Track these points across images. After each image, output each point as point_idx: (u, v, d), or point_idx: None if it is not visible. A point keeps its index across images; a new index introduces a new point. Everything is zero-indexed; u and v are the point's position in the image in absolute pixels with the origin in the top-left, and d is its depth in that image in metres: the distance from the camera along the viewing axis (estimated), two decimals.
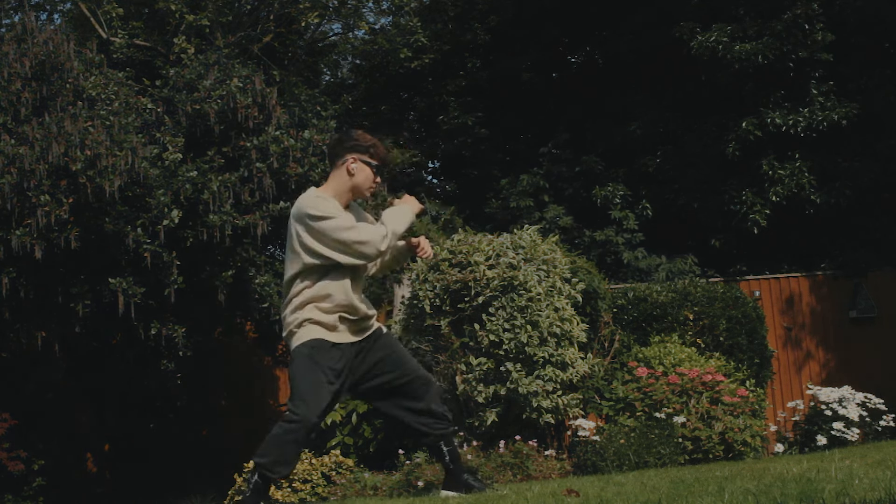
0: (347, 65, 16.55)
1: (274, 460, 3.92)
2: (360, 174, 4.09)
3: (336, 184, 4.11)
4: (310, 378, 3.91)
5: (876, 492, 2.81)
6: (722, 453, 7.12)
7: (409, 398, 4.14)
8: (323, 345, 3.97)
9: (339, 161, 4.11)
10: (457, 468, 4.20)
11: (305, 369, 3.93)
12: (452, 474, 4.19)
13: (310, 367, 3.92)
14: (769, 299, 10.48)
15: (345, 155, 4.10)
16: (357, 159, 4.09)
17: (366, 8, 14.98)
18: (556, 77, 14.74)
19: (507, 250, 7.36)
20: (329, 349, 3.98)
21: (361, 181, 4.10)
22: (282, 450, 3.90)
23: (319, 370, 3.92)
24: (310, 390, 3.88)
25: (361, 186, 4.11)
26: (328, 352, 3.97)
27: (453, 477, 4.19)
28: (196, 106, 8.37)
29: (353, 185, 4.09)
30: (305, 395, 3.87)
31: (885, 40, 11.81)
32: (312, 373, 3.91)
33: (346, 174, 4.09)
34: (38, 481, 8.70)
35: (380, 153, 4.15)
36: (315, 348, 3.95)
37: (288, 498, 7.31)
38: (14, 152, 7.47)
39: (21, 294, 7.74)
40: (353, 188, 4.10)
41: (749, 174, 11.36)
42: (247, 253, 8.41)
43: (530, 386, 6.94)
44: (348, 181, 4.09)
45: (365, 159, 4.10)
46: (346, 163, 4.09)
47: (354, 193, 4.13)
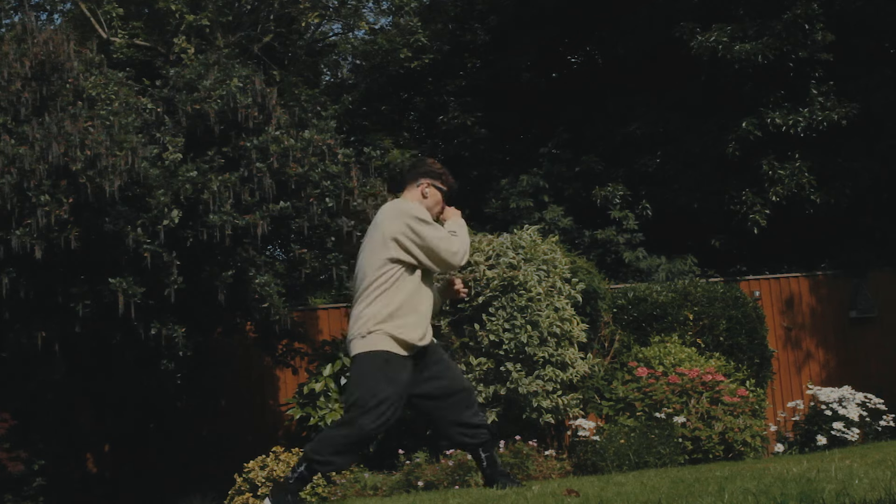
0: (347, 65, 16.56)
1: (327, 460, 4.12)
2: (431, 198, 4.45)
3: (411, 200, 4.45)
4: (381, 388, 4.09)
5: (876, 492, 2.81)
6: (722, 453, 7.13)
7: (453, 408, 4.30)
8: (395, 357, 4.15)
9: (413, 183, 4.47)
10: (493, 472, 4.36)
11: (377, 378, 4.11)
12: (488, 478, 4.37)
13: (382, 377, 4.11)
14: (769, 299, 10.48)
15: (419, 178, 4.46)
16: (430, 184, 4.44)
17: (366, 8, 15.01)
18: (556, 77, 14.73)
19: (507, 250, 7.36)
20: (401, 361, 4.16)
21: (432, 205, 4.45)
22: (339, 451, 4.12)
23: (391, 382, 4.10)
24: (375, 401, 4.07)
25: (431, 210, 4.43)
26: (400, 364, 4.15)
27: (489, 480, 4.36)
28: (196, 106, 8.36)
29: (424, 206, 4.40)
30: (370, 406, 4.07)
31: (885, 40, 11.81)
32: (383, 383, 4.10)
33: (419, 195, 4.43)
34: (38, 481, 8.69)
35: (449, 181, 4.52)
36: (389, 361, 4.13)
37: None
38: (14, 152, 7.47)
39: (21, 294, 7.74)
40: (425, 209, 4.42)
41: (749, 174, 11.35)
42: (247, 253, 8.40)
43: (530, 386, 6.94)
44: (421, 203, 4.42)
45: (437, 185, 4.46)
46: (420, 186, 4.44)
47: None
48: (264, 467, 7.79)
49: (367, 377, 4.09)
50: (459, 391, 4.30)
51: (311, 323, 10.36)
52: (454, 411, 4.28)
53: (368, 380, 4.08)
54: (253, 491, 7.69)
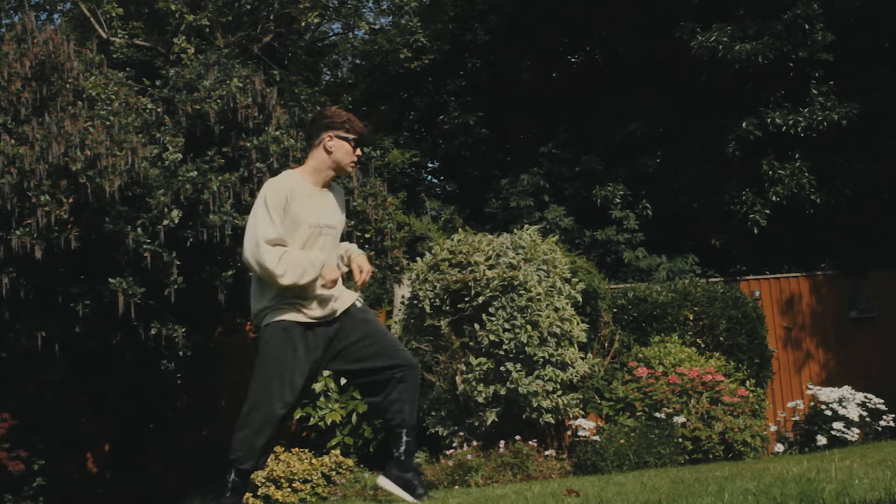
0: (347, 65, 16.56)
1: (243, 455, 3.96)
2: (338, 150, 4.10)
3: (315, 163, 4.13)
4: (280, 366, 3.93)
5: (876, 492, 2.81)
6: (722, 453, 7.13)
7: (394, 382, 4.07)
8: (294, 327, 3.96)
9: (315, 140, 4.13)
10: (407, 461, 4.10)
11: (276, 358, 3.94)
12: (400, 467, 4.09)
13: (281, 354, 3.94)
14: (769, 299, 10.48)
15: (320, 133, 4.12)
16: (333, 136, 4.11)
17: (366, 8, 15.01)
18: (556, 77, 14.74)
19: (507, 250, 7.36)
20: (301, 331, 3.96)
21: (341, 157, 4.11)
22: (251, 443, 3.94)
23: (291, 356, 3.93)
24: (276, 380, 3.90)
25: (342, 162, 4.12)
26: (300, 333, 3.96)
27: (400, 469, 4.09)
28: (196, 106, 8.36)
29: (332, 162, 4.11)
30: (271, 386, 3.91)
31: (885, 40, 11.81)
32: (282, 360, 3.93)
33: (323, 152, 4.11)
34: (38, 481, 8.70)
35: (356, 126, 4.16)
36: (287, 331, 3.95)
37: (288, 498, 7.32)
38: (14, 152, 7.47)
39: (21, 294, 7.74)
40: (334, 165, 4.12)
41: (749, 174, 11.36)
42: None
43: (530, 386, 6.94)
44: (327, 159, 4.10)
45: (341, 135, 4.12)
46: (322, 141, 4.11)
47: (336, 171, 4.14)
48: (264, 467, 7.79)
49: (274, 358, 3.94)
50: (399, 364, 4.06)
51: None
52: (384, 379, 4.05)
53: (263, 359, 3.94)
54: (253, 491, 7.69)
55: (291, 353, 3.95)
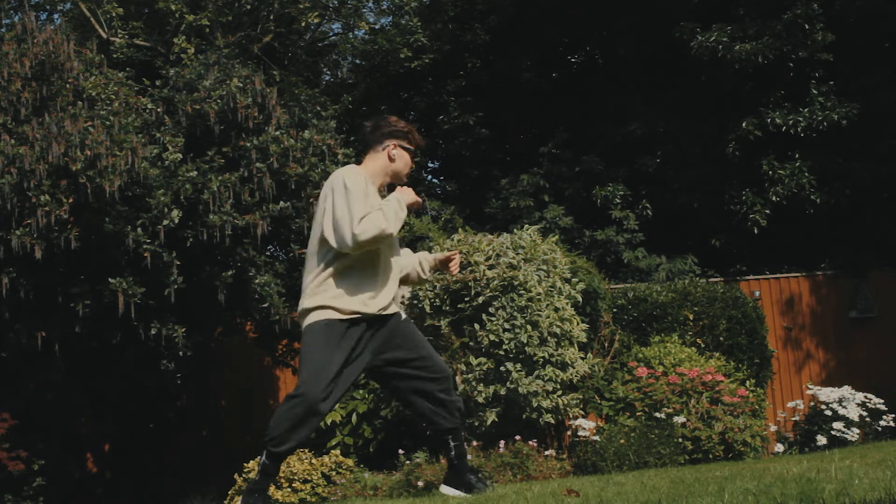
0: (347, 65, 16.55)
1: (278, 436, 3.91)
2: (400, 160, 4.19)
3: (375, 167, 4.19)
4: (319, 357, 3.91)
5: (876, 492, 2.81)
6: (722, 453, 7.12)
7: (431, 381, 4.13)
8: (334, 324, 3.95)
9: (379, 146, 4.19)
10: (461, 465, 4.16)
11: (316, 347, 3.93)
12: (456, 471, 4.16)
13: (321, 345, 3.93)
14: (769, 299, 10.48)
15: (384, 140, 4.18)
16: (397, 145, 4.19)
17: (366, 8, 15.00)
18: (556, 77, 14.74)
19: (507, 250, 7.36)
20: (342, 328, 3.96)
21: (401, 167, 4.20)
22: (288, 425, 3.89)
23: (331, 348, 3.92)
24: (314, 369, 3.88)
25: (401, 172, 4.21)
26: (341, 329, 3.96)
27: (456, 474, 4.16)
28: (196, 106, 8.37)
29: (393, 170, 4.19)
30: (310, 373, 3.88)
31: (885, 40, 11.81)
32: (322, 351, 3.91)
33: (386, 159, 4.18)
34: (38, 481, 8.70)
35: (416, 139, 4.26)
36: (329, 325, 3.94)
37: (288, 498, 7.31)
38: (14, 152, 7.47)
39: (21, 294, 7.74)
40: (394, 173, 4.20)
41: (749, 174, 11.36)
42: (247, 253, 8.40)
43: (530, 386, 6.94)
44: (388, 166, 4.18)
45: (404, 145, 4.21)
46: (387, 148, 4.18)
47: (393, 178, 4.22)
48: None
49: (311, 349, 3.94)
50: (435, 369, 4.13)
51: None
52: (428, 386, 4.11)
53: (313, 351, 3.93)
54: None
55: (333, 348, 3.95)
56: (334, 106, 13.10)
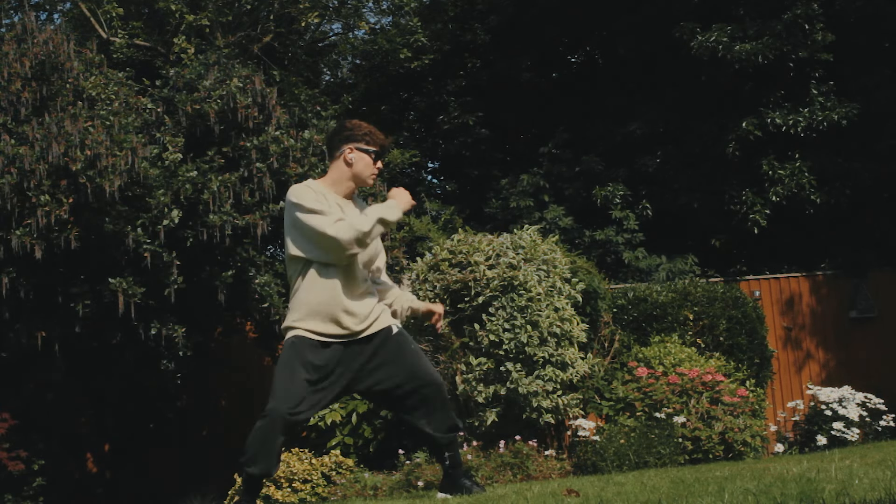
0: (347, 65, 16.55)
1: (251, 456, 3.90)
2: (359, 163, 4.09)
3: (335, 175, 4.11)
4: (285, 373, 3.90)
5: (876, 492, 2.81)
6: (722, 453, 7.12)
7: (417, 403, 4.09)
8: (305, 341, 3.95)
9: (336, 153, 4.11)
10: (455, 472, 4.17)
11: (282, 365, 3.93)
12: (450, 477, 4.17)
13: (287, 362, 3.92)
14: (769, 299, 10.48)
15: (341, 146, 4.10)
16: (354, 149, 4.09)
17: (366, 8, 15.00)
18: (556, 77, 14.74)
19: (507, 250, 7.36)
20: (313, 345, 3.95)
21: (361, 169, 4.09)
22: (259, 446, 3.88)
23: (298, 365, 3.90)
24: (282, 385, 3.88)
25: (362, 174, 4.10)
26: (312, 348, 3.95)
27: (451, 480, 4.17)
28: (196, 106, 8.37)
29: (353, 174, 4.09)
30: (277, 390, 3.88)
31: (885, 40, 11.81)
32: (289, 368, 3.91)
33: (344, 165, 4.09)
34: (38, 481, 8.70)
35: (377, 139, 4.14)
36: (296, 344, 3.95)
37: (288, 498, 7.31)
38: (14, 152, 7.47)
39: (21, 294, 7.74)
40: (354, 177, 4.10)
41: (749, 174, 11.36)
42: (247, 253, 8.41)
43: (530, 386, 6.94)
44: (347, 171, 4.09)
45: (362, 147, 4.10)
46: (343, 153, 4.09)
47: (356, 182, 4.12)
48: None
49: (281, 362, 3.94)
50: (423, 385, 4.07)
51: None
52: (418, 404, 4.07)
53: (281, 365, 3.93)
54: None
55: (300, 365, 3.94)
56: (334, 106, 13.10)
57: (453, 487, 4.15)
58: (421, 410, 4.09)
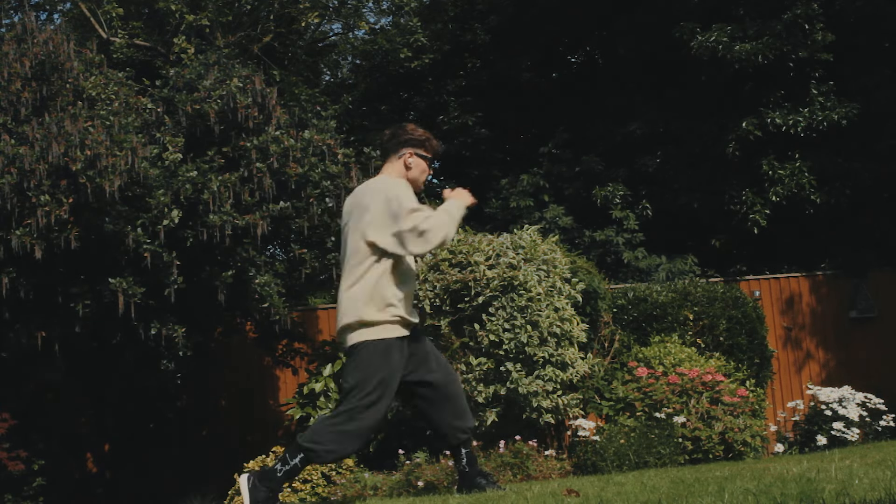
0: (347, 65, 16.55)
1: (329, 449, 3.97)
2: (416, 168, 4.24)
3: (394, 175, 4.23)
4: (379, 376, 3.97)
5: (876, 492, 2.81)
6: (722, 453, 7.12)
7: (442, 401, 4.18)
8: (393, 343, 4.03)
9: (395, 155, 4.24)
10: (473, 470, 4.26)
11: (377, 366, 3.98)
12: (468, 476, 4.25)
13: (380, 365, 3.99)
14: (769, 299, 10.48)
15: (400, 149, 4.23)
16: (413, 153, 4.22)
17: (366, 8, 15.00)
18: (556, 77, 14.74)
19: (507, 250, 7.36)
20: (398, 346, 4.04)
21: (417, 175, 4.24)
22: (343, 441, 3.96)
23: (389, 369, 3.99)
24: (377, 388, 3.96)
25: (418, 179, 4.25)
26: (398, 348, 4.04)
27: (468, 478, 4.25)
28: (196, 106, 8.36)
29: (410, 178, 4.22)
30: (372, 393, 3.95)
31: (885, 40, 11.81)
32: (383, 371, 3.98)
33: (402, 167, 4.22)
34: (38, 481, 8.70)
35: (433, 146, 4.30)
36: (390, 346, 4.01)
37: (288, 498, 7.31)
38: (14, 152, 7.47)
39: (21, 294, 7.74)
40: (411, 181, 4.23)
41: (749, 174, 11.36)
42: (247, 253, 8.40)
43: (530, 386, 6.94)
44: (405, 174, 4.22)
45: (420, 153, 4.24)
46: (403, 157, 4.22)
47: (412, 185, 4.24)
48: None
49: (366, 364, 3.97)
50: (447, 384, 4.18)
51: (311, 323, 10.37)
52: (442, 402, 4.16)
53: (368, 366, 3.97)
54: None
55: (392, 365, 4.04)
56: (334, 106, 13.09)
57: (471, 486, 4.22)
58: (448, 406, 4.16)
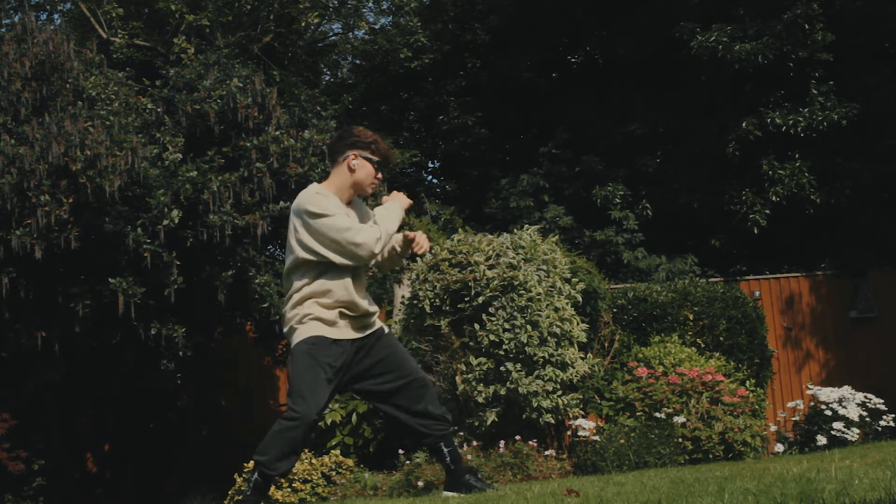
0: (347, 65, 16.56)
1: (273, 457, 3.92)
2: (361, 171, 4.08)
3: (337, 180, 4.10)
4: (309, 375, 3.90)
5: (876, 492, 2.81)
6: (722, 453, 7.12)
7: (407, 399, 4.13)
8: (322, 341, 3.96)
9: (339, 157, 4.10)
10: (458, 469, 4.19)
11: (305, 366, 3.92)
12: (453, 475, 4.19)
13: (310, 364, 3.92)
14: (769, 299, 10.48)
15: (346, 151, 4.09)
16: (358, 155, 4.08)
17: (366, 8, 15.01)
18: (556, 77, 14.74)
19: (507, 250, 7.35)
20: (329, 346, 3.97)
21: (363, 177, 4.09)
22: (281, 447, 3.90)
23: (319, 367, 3.91)
24: (309, 388, 3.88)
25: (363, 183, 4.10)
26: (328, 348, 3.96)
27: (454, 477, 4.18)
28: (196, 106, 8.37)
29: (354, 181, 4.09)
30: (304, 393, 3.87)
31: (885, 40, 11.81)
32: (312, 370, 3.91)
33: (346, 171, 4.08)
34: (38, 481, 8.70)
35: (381, 149, 4.14)
36: (315, 345, 3.94)
37: (288, 498, 7.31)
38: (14, 152, 7.47)
39: (21, 294, 7.74)
40: (355, 184, 4.10)
41: (749, 174, 11.36)
42: (247, 253, 8.41)
43: (530, 386, 6.94)
44: (349, 178, 4.08)
45: (366, 155, 4.09)
46: (346, 159, 4.08)
47: (356, 190, 4.12)
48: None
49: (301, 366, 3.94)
50: (412, 381, 4.12)
51: None
52: (408, 401, 4.11)
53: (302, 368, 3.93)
54: None
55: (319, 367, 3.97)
56: (334, 106, 13.09)
57: (457, 485, 4.17)
58: (413, 405, 4.12)
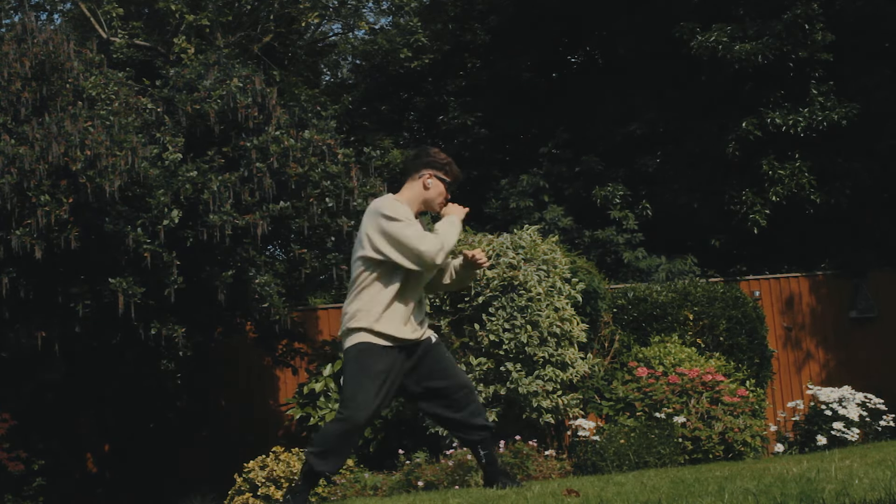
0: (347, 65, 16.56)
1: (318, 455, 4.15)
2: (433, 189, 4.36)
3: (410, 194, 4.37)
4: (357, 380, 4.13)
5: (876, 492, 2.81)
6: (722, 453, 7.12)
7: (452, 407, 4.34)
8: (372, 348, 4.16)
9: (416, 174, 4.37)
10: (492, 469, 4.40)
11: (354, 371, 4.16)
12: (488, 475, 4.41)
13: (358, 369, 4.15)
14: (769, 299, 10.48)
15: (422, 170, 4.37)
16: (433, 175, 4.36)
17: (366, 8, 15.01)
18: (556, 77, 14.74)
19: (507, 250, 7.36)
20: (378, 352, 4.16)
21: (433, 196, 4.36)
22: (324, 445, 4.15)
23: (368, 372, 4.13)
24: (357, 392, 4.11)
25: (433, 201, 4.37)
26: (377, 354, 4.16)
27: (489, 475, 4.40)
28: (196, 106, 8.37)
29: (425, 198, 4.36)
30: (355, 397, 4.11)
31: (885, 40, 11.81)
32: (360, 375, 4.13)
33: (421, 187, 4.35)
34: (38, 481, 8.70)
35: (454, 172, 4.42)
36: (364, 350, 4.16)
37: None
38: (14, 152, 7.47)
39: (21, 294, 7.74)
40: (426, 201, 4.37)
41: (749, 174, 11.35)
42: (247, 253, 8.41)
43: (530, 386, 6.94)
44: (422, 194, 4.35)
45: (440, 176, 4.38)
46: (423, 177, 4.35)
47: (425, 206, 4.39)
48: (264, 467, 7.79)
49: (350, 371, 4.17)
50: (458, 390, 4.33)
51: (311, 323, 10.37)
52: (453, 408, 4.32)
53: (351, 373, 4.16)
54: (253, 491, 7.69)
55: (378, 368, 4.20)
56: (334, 106, 13.10)
57: (492, 482, 4.38)
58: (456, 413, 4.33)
